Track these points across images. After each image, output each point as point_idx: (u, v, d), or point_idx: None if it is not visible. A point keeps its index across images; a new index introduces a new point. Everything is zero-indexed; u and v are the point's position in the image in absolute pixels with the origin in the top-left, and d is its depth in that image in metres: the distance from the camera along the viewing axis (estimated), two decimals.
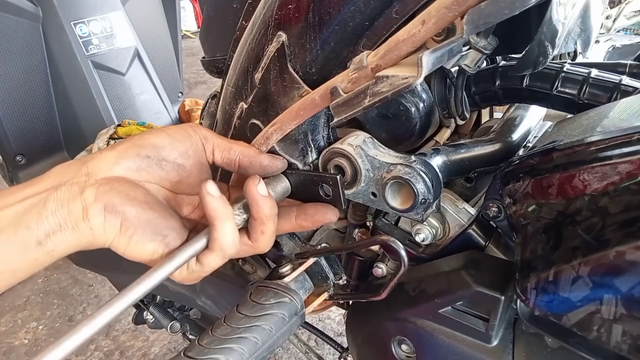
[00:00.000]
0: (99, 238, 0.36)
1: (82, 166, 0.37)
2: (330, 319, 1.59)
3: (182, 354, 0.39)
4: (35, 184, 0.36)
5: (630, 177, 0.29)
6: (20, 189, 0.36)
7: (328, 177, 0.42)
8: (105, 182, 0.36)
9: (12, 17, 1.04)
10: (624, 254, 0.27)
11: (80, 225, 0.35)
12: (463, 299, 0.40)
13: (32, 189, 0.36)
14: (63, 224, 0.34)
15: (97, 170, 0.37)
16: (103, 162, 0.37)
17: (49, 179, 0.37)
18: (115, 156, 0.38)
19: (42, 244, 0.34)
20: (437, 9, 0.29)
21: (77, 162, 0.38)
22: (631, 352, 0.27)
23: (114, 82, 1.22)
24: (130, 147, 0.38)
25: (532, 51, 0.39)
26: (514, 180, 0.37)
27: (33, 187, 0.36)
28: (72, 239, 0.35)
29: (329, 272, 0.46)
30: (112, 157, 0.37)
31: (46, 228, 0.34)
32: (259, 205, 0.38)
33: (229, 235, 0.36)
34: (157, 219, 0.37)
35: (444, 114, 0.51)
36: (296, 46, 0.40)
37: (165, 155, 0.39)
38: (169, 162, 0.40)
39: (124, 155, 0.38)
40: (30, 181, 0.37)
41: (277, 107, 0.43)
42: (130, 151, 0.38)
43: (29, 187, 0.36)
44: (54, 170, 0.38)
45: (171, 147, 0.40)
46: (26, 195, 0.35)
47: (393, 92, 0.33)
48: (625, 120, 0.35)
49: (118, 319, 1.65)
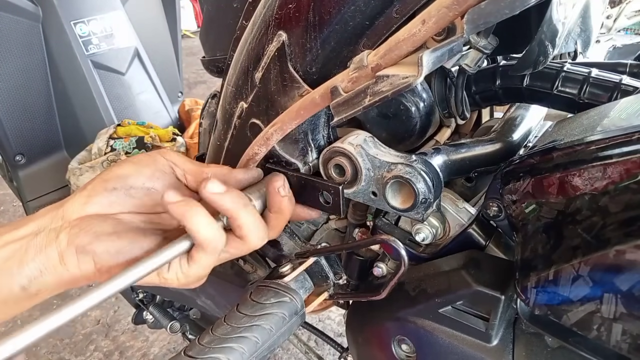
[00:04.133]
0: (79, 277, 0.37)
1: (58, 209, 0.39)
2: (330, 319, 1.59)
3: (183, 353, 0.39)
4: (17, 227, 0.38)
5: (630, 176, 0.29)
6: (3, 232, 0.38)
7: (330, 185, 0.42)
8: (76, 223, 0.38)
9: (11, 17, 1.04)
10: (624, 253, 0.27)
11: (58, 268, 0.37)
12: (463, 298, 0.40)
13: (14, 233, 0.38)
14: (43, 269, 0.36)
15: (70, 212, 0.38)
16: (75, 204, 0.39)
17: (30, 224, 0.38)
18: (85, 196, 0.39)
19: (26, 288, 0.36)
20: (437, 8, 0.29)
21: (55, 205, 0.40)
22: (631, 351, 0.27)
23: (113, 82, 1.22)
24: (97, 183, 0.40)
25: (533, 51, 0.39)
26: (514, 180, 0.37)
27: (15, 232, 0.38)
28: (54, 281, 0.37)
29: (329, 272, 0.46)
30: (82, 198, 0.39)
31: (28, 273, 0.36)
32: (219, 203, 0.37)
33: (204, 228, 0.36)
34: (127, 246, 0.38)
35: (444, 113, 0.51)
36: (296, 46, 0.40)
37: (132, 183, 0.41)
38: (137, 188, 0.41)
39: (93, 193, 0.39)
40: (14, 223, 0.39)
41: (277, 106, 0.43)
42: (98, 187, 0.40)
43: (12, 231, 0.38)
44: (36, 214, 0.39)
45: (137, 174, 0.41)
46: (7, 240, 0.37)
47: (393, 91, 0.33)
48: (625, 119, 0.35)
49: (117, 319, 1.65)
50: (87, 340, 1.59)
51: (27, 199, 1.14)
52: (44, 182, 1.16)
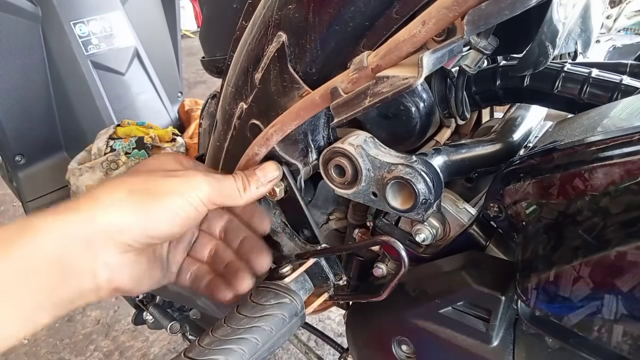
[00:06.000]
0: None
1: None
2: (330, 319, 1.59)
3: (183, 354, 0.39)
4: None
5: (631, 177, 0.29)
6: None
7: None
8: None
9: (11, 17, 1.04)
10: (625, 255, 0.27)
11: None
12: (463, 299, 0.40)
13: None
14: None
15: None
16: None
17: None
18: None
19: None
20: (437, 9, 0.29)
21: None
22: (632, 352, 0.27)
23: (113, 82, 1.21)
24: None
25: (533, 51, 0.39)
26: (514, 180, 0.37)
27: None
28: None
29: (329, 273, 0.46)
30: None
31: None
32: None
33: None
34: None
35: (445, 113, 0.51)
36: (296, 46, 0.39)
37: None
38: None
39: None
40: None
41: (277, 107, 0.43)
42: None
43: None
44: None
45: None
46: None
47: (393, 92, 0.33)
48: (625, 120, 0.35)
49: (117, 319, 1.65)
50: (87, 340, 1.59)
51: (27, 199, 1.14)
52: (44, 183, 1.15)
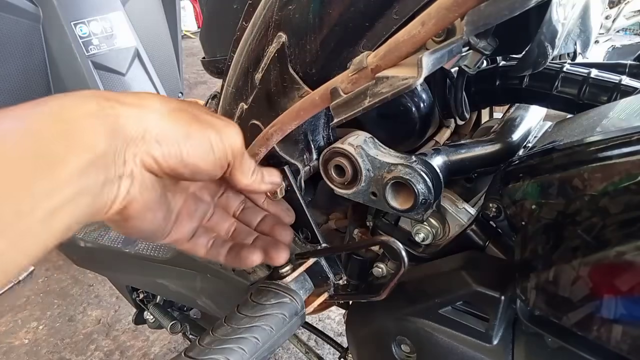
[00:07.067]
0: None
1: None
2: (330, 319, 1.60)
3: (183, 354, 0.39)
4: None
5: (630, 177, 0.29)
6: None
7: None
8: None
9: (12, 18, 1.04)
10: (624, 254, 0.27)
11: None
12: (463, 299, 0.40)
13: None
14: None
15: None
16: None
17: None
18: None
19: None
20: (437, 10, 0.29)
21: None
22: (631, 352, 0.27)
23: (114, 82, 1.22)
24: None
25: (532, 52, 0.39)
26: (514, 181, 0.37)
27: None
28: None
29: (329, 272, 0.46)
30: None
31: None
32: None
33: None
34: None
35: (444, 114, 0.51)
36: (296, 47, 0.40)
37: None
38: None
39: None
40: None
41: (277, 107, 0.43)
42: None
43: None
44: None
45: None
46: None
47: (393, 92, 0.33)
48: (625, 120, 0.35)
49: (118, 318, 1.66)
50: (88, 339, 1.59)
51: None
52: None
